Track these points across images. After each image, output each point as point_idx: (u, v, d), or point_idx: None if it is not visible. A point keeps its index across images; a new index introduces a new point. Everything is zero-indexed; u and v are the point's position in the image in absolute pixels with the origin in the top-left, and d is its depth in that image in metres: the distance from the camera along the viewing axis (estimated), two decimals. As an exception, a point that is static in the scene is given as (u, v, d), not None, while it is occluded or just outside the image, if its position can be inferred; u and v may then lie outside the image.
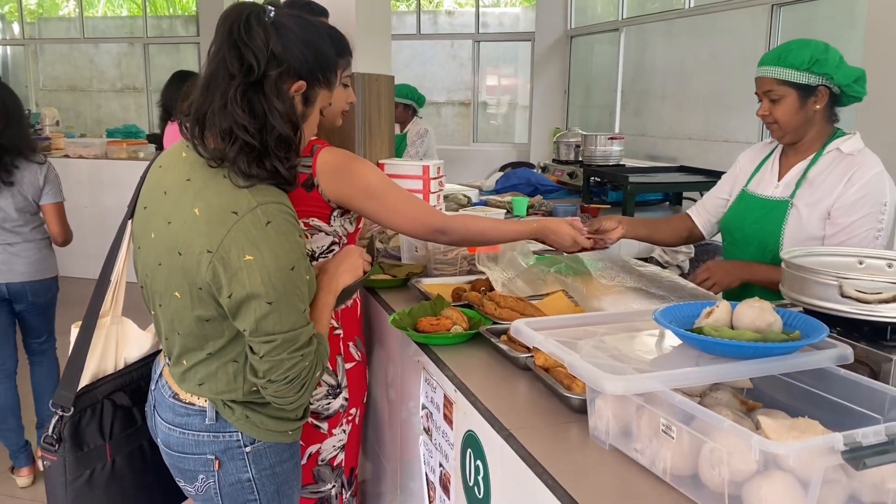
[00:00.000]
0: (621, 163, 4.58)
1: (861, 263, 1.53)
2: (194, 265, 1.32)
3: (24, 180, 3.01)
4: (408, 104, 4.67)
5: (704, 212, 2.29)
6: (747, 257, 2.06)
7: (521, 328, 1.32)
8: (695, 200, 3.05)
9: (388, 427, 2.08)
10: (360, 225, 1.91)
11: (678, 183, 4.20)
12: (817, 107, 1.93)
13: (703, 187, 3.65)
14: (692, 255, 3.44)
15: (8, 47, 9.99)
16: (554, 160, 5.07)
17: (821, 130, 1.98)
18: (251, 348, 1.36)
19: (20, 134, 3.05)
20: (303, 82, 1.40)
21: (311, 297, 1.41)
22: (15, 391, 3.18)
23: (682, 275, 3.00)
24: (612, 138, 4.54)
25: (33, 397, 3.33)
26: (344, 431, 1.91)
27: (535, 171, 4.92)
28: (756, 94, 2.00)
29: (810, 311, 1.40)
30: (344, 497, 2.07)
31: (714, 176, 3.89)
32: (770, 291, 1.83)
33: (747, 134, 5.47)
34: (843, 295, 1.33)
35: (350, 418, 1.93)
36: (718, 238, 2.33)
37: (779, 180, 2.04)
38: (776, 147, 2.11)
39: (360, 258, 1.61)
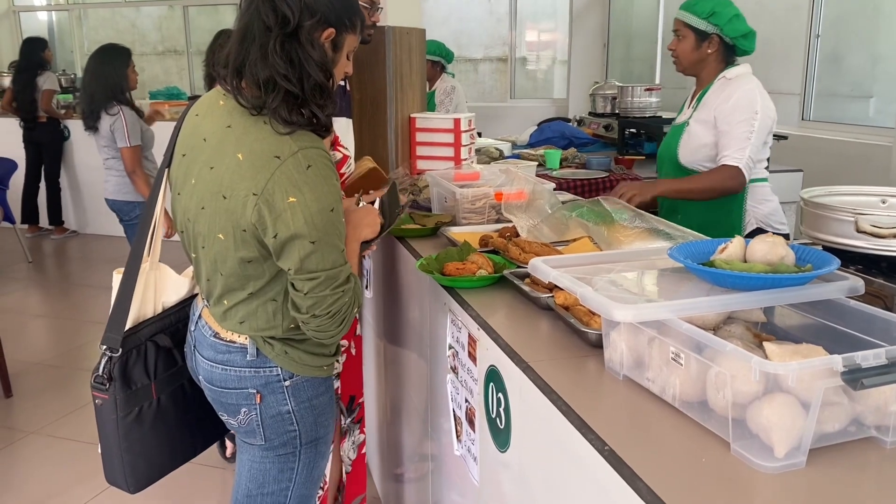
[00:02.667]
0: (658, 114, 4.53)
1: (884, 202, 1.52)
2: (239, 207, 1.39)
3: (102, 127, 3.94)
4: (436, 61, 4.65)
5: None
6: (663, 172, 2.64)
7: (538, 265, 1.36)
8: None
9: (418, 369, 2.15)
10: None
11: (715, 133, 4.14)
12: (709, 51, 2.43)
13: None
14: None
15: (53, 13, 10.18)
16: (590, 113, 5.04)
17: (714, 68, 2.47)
18: (294, 286, 1.44)
19: (99, 93, 3.90)
20: (332, 29, 1.45)
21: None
22: None
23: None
24: (648, 89, 4.49)
25: None
26: (338, 361, 2.04)
27: (570, 124, 4.90)
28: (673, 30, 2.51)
29: (829, 249, 1.41)
30: (343, 421, 2.27)
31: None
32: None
33: (790, 84, 5.34)
34: (858, 230, 1.34)
35: (344, 349, 2.15)
36: None
37: (687, 109, 2.57)
38: (692, 89, 2.63)
39: (378, 218, 1.73)
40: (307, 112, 1.41)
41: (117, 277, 1.70)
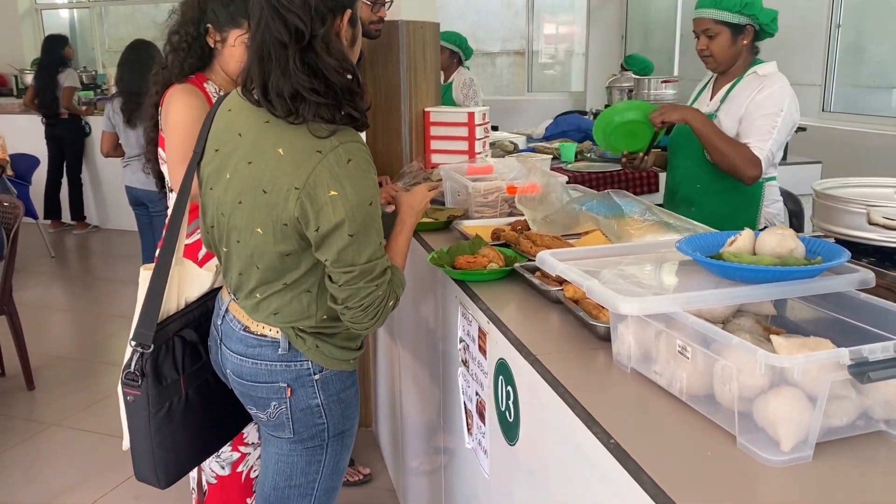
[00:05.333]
0: (675, 106, 4.48)
1: (898, 194, 1.50)
2: (281, 202, 1.41)
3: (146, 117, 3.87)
4: (454, 51, 4.59)
5: None
6: (682, 160, 2.60)
7: (546, 258, 1.36)
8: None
9: (430, 362, 2.16)
10: None
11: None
12: (745, 42, 2.40)
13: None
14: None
15: (75, 10, 10.28)
16: (606, 106, 5.01)
17: (745, 60, 2.45)
18: (330, 277, 1.46)
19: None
20: (349, 10, 1.46)
21: None
22: None
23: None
24: (665, 81, 4.45)
25: None
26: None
27: (586, 117, 4.87)
28: (693, 31, 2.45)
29: (841, 241, 1.40)
30: None
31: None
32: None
33: (811, 74, 5.27)
34: (870, 222, 1.33)
35: None
36: None
37: (710, 100, 2.53)
38: (711, 76, 2.60)
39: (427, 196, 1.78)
40: (344, 112, 1.42)
41: (145, 274, 1.69)
